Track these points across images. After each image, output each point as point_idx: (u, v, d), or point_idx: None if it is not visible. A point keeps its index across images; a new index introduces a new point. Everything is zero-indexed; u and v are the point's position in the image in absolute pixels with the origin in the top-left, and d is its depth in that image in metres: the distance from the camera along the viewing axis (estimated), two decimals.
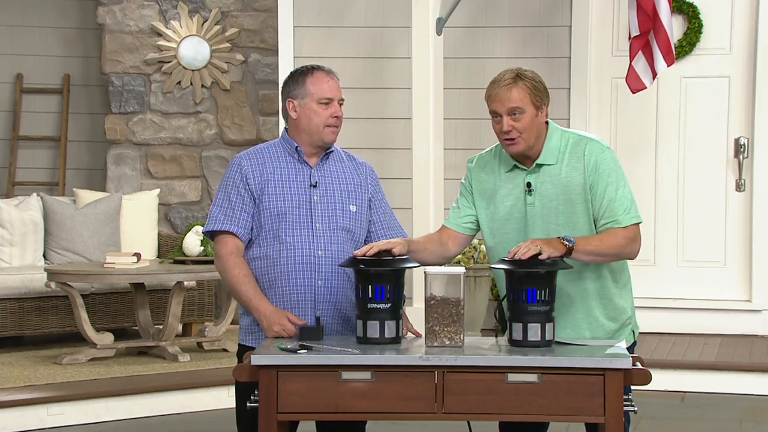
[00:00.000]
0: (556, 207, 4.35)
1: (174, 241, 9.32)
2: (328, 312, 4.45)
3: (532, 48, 9.04)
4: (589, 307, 4.40)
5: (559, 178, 4.37)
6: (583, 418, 4.01)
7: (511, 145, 4.35)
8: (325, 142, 4.51)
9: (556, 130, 4.43)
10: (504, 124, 4.32)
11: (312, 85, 4.47)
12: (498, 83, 4.34)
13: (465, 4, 8.67)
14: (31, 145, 10.43)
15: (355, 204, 4.54)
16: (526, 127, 4.32)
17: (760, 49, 8.77)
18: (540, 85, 4.36)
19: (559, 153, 4.39)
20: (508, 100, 4.31)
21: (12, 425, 6.80)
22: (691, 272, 8.97)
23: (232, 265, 4.46)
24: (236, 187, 4.48)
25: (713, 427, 7.00)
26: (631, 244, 4.34)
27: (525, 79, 4.33)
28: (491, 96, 4.35)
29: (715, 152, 8.90)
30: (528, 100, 4.32)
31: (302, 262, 4.43)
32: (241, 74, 9.91)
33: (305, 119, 4.48)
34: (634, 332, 4.51)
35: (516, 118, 4.31)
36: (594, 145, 4.39)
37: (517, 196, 4.41)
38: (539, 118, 4.35)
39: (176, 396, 7.34)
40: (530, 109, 4.32)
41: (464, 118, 9.11)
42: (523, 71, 4.37)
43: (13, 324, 8.44)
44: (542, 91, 4.36)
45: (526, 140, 4.34)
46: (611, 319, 4.43)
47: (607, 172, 4.35)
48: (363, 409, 4.03)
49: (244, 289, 4.43)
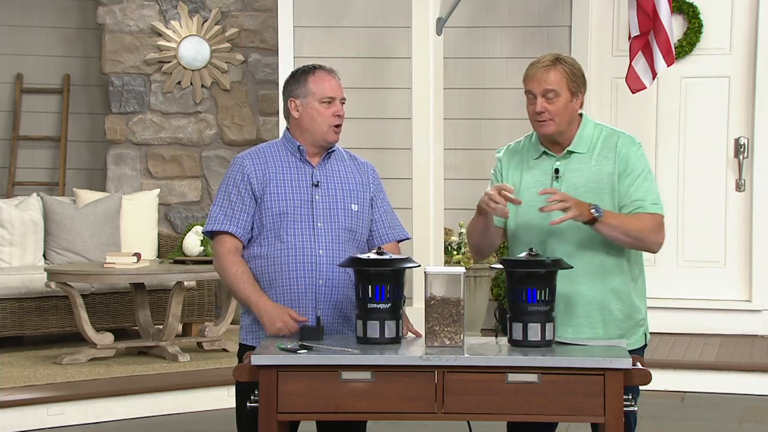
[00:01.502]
0: (582, 195, 4.33)
1: (174, 241, 9.32)
2: (329, 312, 4.45)
3: (532, 48, 9.04)
4: (606, 301, 4.37)
5: (588, 166, 4.39)
6: (583, 418, 4.01)
7: (542, 126, 4.39)
8: (328, 141, 4.51)
9: (590, 121, 4.48)
10: (537, 105, 4.36)
11: (314, 84, 4.47)
12: (536, 64, 4.39)
13: (465, 4, 8.66)
14: (31, 145, 10.44)
15: (357, 203, 4.54)
16: (559, 110, 4.36)
17: (760, 49, 8.77)
18: (578, 72, 4.41)
19: (591, 143, 4.42)
20: (545, 81, 4.35)
21: (12, 425, 6.80)
22: (691, 272, 8.96)
23: (230, 263, 4.46)
24: (237, 186, 4.48)
25: (713, 427, 7.00)
26: (655, 234, 4.36)
27: (564, 64, 4.39)
28: (528, 76, 4.39)
29: (715, 152, 8.90)
30: (564, 84, 4.37)
31: (303, 262, 4.43)
32: (241, 74, 9.91)
33: (308, 119, 4.48)
34: (646, 335, 4.50)
35: (550, 101, 4.35)
36: (626, 139, 4.44)
37: (543, 183, 4.41)
38: (573, 104, 4.40)
39: (176, 396, 7.34)
40: (565, 94, 4.37)
41: (464, 118, 9.11)
42: (563, 56, 4.43)
43: (13, 324, 8.44)
44: (580, 78, 4.41)
45: (558, 124, 4.37)
46: (627, 316, 4.41)
47: (637, 165, 4.39)
48: (363, 409, 4.03)
49: (243, 287, 4.44)
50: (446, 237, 8.65)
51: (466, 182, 9.14)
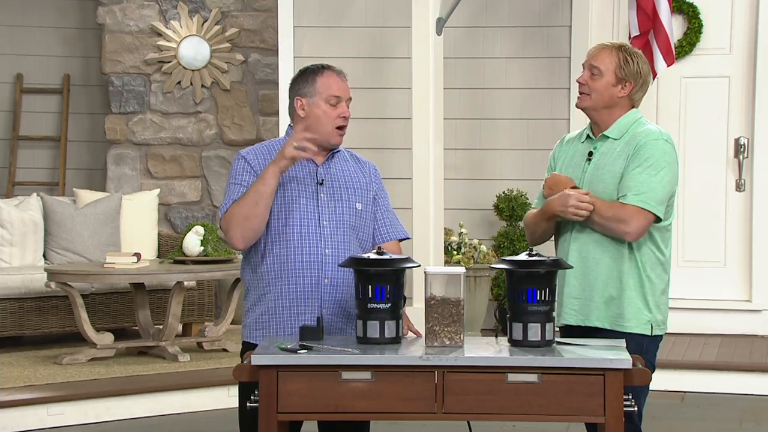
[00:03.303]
0: (601, 176, 4.49)
1: (174, 241, 9.32)
2: (334, 310, 4.44)
3: (532, 48, 9.05)
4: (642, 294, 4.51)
5: (613, 152, 4.50)
6: (583, 418, 4.01)
7: (580, 98, 4.56)
8: (332, 144, 4.51)
9: (635, 114, 4.57)
10: (581, 77, 4.54)
11: (322, 83, 4.47)
12: (603, 43, 4.59)
13: (465, 4, 8.67)
14: (31, 145, 10.44)
15: (362, 202, 4.54)
16: (598, 88, 4.50)
17: (760, 49, 8.77)
18: (634, 64, 4.52)
19: (625, 132, 4.52)
20: (594, 57, 4.54)
21: (12, 425, 6.80)
22: (691, 272, 8.96)
23: (232, 209, 4.38)
24: (244, 175, 4.44)
25: (713, 427, 7.00)
26: (621, 224, 4.41)
27: (623, 51, 4.53)
28: (589, 51, 4.59)
29: (715, 152, 8.91)
30: (611, 68, 4.50)
31: (310, 260, 4.42)
32: (241, 74, 9.91)
33: (313, 118, 4.48)
34: (653, 326, 4.58)
35: (593, 77, 4.51)
36: (650, 133, 4.50)
37: (577, 163, 4.58)
38: (616, 90, 4.51)
39: (176, 396, 7.34)
40: (609, 76, 4.50)
41: (464, 118, 9.11)
42: (629, 47, 4.57)
43: (13, 324, 8.44)
44: (631, 69, 4.51)
45: (594, 101, 4.52)
46: (651, 310, 4.53)
47: (646, 156, 4.45)
48: (363, 409, 4.03)
49: (249, 194, 4.34)
50: (446, 237, 8.65)
51: (466, 182, 9.15)
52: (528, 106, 9.07)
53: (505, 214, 8.86)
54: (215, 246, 8.30)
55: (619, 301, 4.50)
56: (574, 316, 4.54)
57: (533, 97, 9.06)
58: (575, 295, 4.53)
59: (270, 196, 4.34)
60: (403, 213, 8.05)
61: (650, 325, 4.55)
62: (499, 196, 8.92)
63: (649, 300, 4.53)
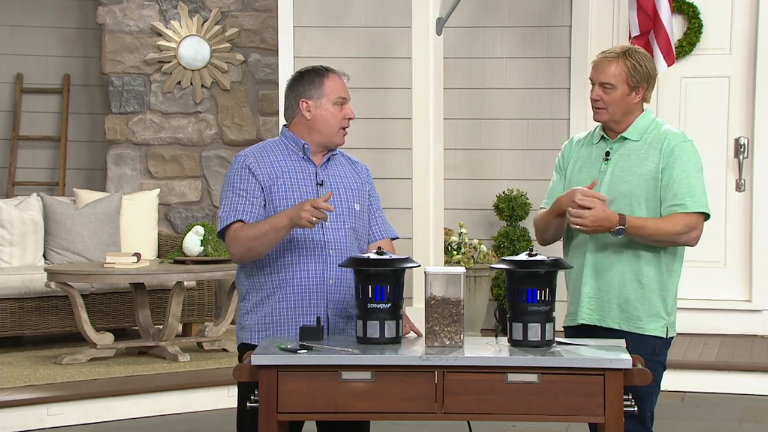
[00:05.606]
0: (626, 178, 4.49)
1: (174, 241, 9.32)
2: (339, 311, 4.44)
3: (532, 48, 9.05)
4: (662, 296, 4.52)
5: (638, 153, 4.51)
6: (583, 418, 4.01)
7: (596, 113, 4.55)
8: (336, 144, 4.53)
9: (649, 114, 4.58)
10: (593, 93, 4.53)
11: (329, 86, 4.48)
12: (604, 53, 4.56)
13: (465, 4, 8.67)
14: (31, 145, 10.44)
15: (359, 203, 4.55)
16: (613, 102, 4.50)
17: (760, 49, 8.77)
18: (643, 68, 4.51)
19: (645, 133, 4.54)
20: (603, 73, 4.51)
21: (12, 425, 6.80)
22: (691, 272, 8.91)
23: (239, 231, 4.40)
24: (243, 180, 4.43)
25: (713, 427, 7.00)
26: (691, 232, 4.48)
27: (629, 58, 4.51)
28: (594, 63, 4.57)
29: (715, 152, 8.90)
30: (622, 79, 4.49)
31: (314, 262, 4.42)
32: (241, 74, 9.91)
33: (321, 120, 4.48)
34: (668, 329, 4.60)
35: (606, 92, 4.51)
36: (676, 136, 4.54)
37: (593, 163, 4.56)
38: (631, 97, 4.52)
39: (176, 396, 7.34)
40: (622, 87, 4.50)
41: (464, 118, 9.11)
42: (633, 50, 4.55)
43: (13, 324, 8.44)
44: (642, 73, 4.51)
45: (612, 113, 4.52)
46: (668, 313, 4.56)
47: (683, 159, 4.49)
48: (363, 409, 4.03)
49: (260, 227, 4.35)
50: (446, 237, 8.65)
51: (466, 182, 9.15)
52: (528, 106, 9.07)
53: (505, 214, 8.86)
54: (215, 246, 8.31)
55: (638, 303, 4.49)
56: (590, 316, 4.53)
57: (533, 97, 9.06)
58: (592, 295, 4.52)
59: (278, 242, 4.37)
60: (403, 213, 8.08)
61: (666, 328, 4.56)
62: (499, 196, 8.92)
63: (668, 302, 4.54)
